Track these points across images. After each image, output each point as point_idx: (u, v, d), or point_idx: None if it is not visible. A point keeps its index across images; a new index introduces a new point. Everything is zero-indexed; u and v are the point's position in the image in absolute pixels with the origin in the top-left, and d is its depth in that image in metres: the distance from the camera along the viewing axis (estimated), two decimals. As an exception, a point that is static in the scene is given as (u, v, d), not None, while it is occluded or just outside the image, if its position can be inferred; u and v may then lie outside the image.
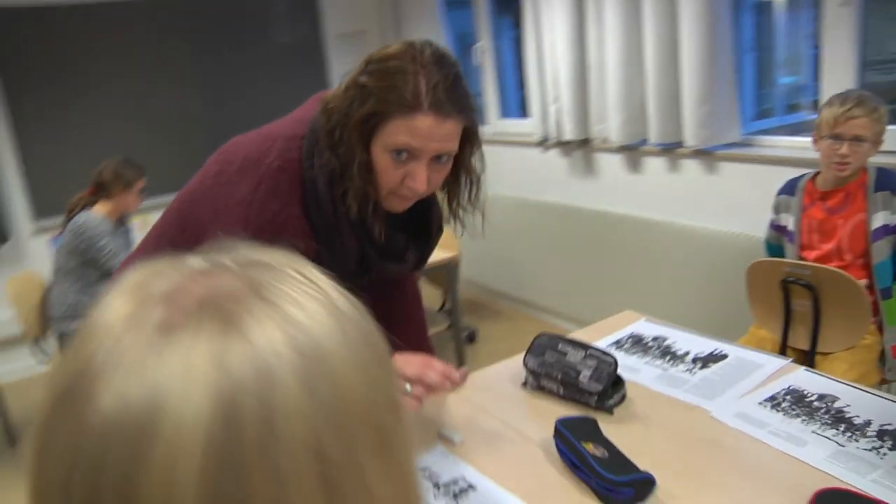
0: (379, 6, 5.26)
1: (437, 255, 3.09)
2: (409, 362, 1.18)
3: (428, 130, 1.16)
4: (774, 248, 2.41)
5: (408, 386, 1.16)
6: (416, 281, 1.69)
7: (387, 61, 1.17)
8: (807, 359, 2.01)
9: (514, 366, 1.67)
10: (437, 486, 1.29)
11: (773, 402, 1.40)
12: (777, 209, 2.42)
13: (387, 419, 0.40)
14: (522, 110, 4.51)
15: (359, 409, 0.38)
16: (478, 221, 1.38)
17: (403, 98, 1.14)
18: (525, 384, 1.62)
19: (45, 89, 4.25)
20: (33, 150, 4.27)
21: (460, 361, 3.25)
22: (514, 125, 4.36)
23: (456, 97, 1.19)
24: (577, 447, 1.24)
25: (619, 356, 1.68)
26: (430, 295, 4.11)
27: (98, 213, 3.07)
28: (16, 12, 4.13)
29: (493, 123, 4.58)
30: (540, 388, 1.58)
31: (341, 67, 5.23)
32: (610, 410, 1.45)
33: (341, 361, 0.38)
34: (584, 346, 1.54)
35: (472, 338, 4.10)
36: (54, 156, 4.30)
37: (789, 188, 2.38)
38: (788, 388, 1.45)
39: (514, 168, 4.34)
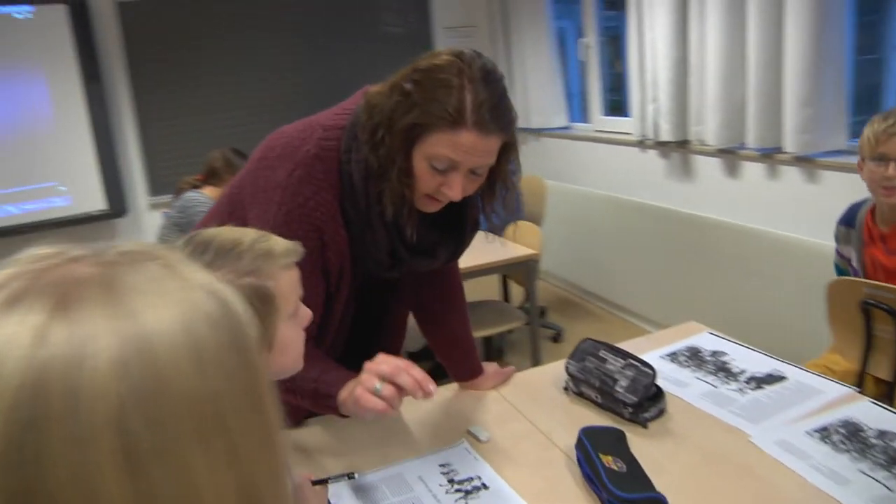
0: (488, 0, 5.25)
1: (517, 252, 3.07)
2: (386, 362, 1.18)
3: (470, 146, 1.18)
4: (845, 273, 2.20)
5: (378, 384, 1.15)
6: (457, 271, 1.68)
7: (433, 72, 1.17)
8: (889, 390, 1.83)
9: (560, 369, 1.63)
10: (451, 482, 1.29)
11: (823, 433, 1.30)
12: (837, 239, 2.17)
13: (228, 412, 0.42)
14: (610, 109, 4.39)
15: (183, 398, 0.40)
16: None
17: (447, 113, 1.15)
18: (566, 389, 1.58)
19: (164, 77, 4.55)
20: (152, 133, 4.59)
21: (535, 359, 3.21)
22: (615, 123, 4.24)
23: (500, 115, 1.19)
24: (594, 459, 1.20)
25: (671, 369, 1.61)
26: (513, 291, 4.08)
27: (206, 194, 3.25)
28: (143, 4, 4.43)
29: (595, 121, 4.47)
30: (580, 395, 1.54)
31: (449, 59, 5.27)
32: (644, 424, 1.39)
33: (172, 353, 0.40)
34: (624, 355, 1.48)
35: (557, 337, 4.04)
36: (169, 138, 4.60)
37: (849, 218, 2.11)
38: (845, 419, 1.33)
39: (612, 167, 4.23)
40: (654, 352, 1.73)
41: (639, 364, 1.44)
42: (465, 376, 1.67)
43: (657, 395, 1.44)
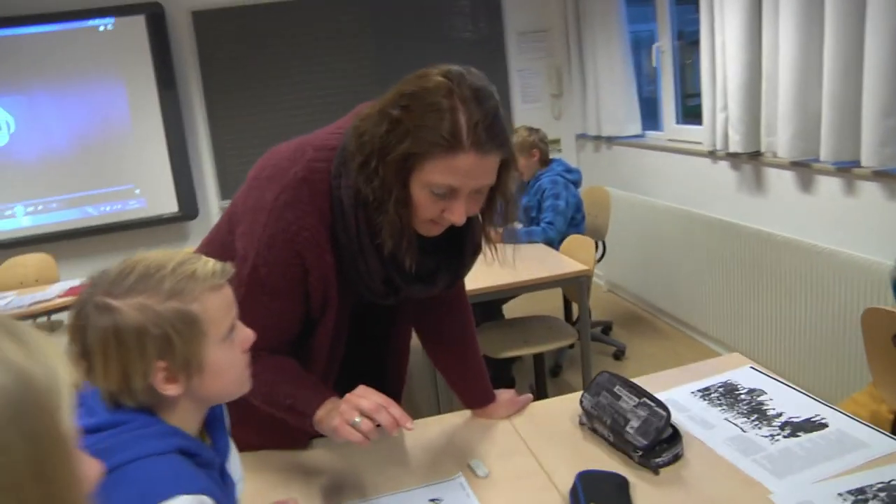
0: (562, 4, 5.11)
1: (569, 267, 2.94)
2: (367, 397, 1.16)
3: (469, 169, 1.12)
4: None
5: (357, 418, 1.13)
6: (463, 293, 1.59)
7: (422, 96, 1.11)
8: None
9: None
10: (437, 520, 1.20)
11: (860, 496, 1.13)
12: None
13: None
14: (684, 117, 4.16)
15: None
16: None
17: (442, 138, 1.09)
18: (582, 423, 1.47)
19: (235, 82, 4.66)
20: (222, 137, 4.71)
21: (587, 378, 3.06)
22: (688, 133, 4.02)
23: (496, 133, 1.13)
24: (582, 509, 1.09)
25: (701, 406, 1.47)
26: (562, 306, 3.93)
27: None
28: (216, 12, 4.55)
29: (669, 129, 4.26)
30: (593, 430, 1.42)
31: (520, 65, 5.18)
32: (655, 470, 1.26)
33: None
34: (639, 393, 1.35)
35: (619, 354, 3.86)
36: (239, 142, 4.71)
37: None
38: (889, 481, 1.16)
39: (683, 178, 4.02)
40: (687, 385, 1.59)
41: (653, 404, 1.31)
42: (476, 403, 1.58)
43: (673, 437, 1.31)
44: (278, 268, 1.23)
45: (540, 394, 3.29)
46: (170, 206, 4.64)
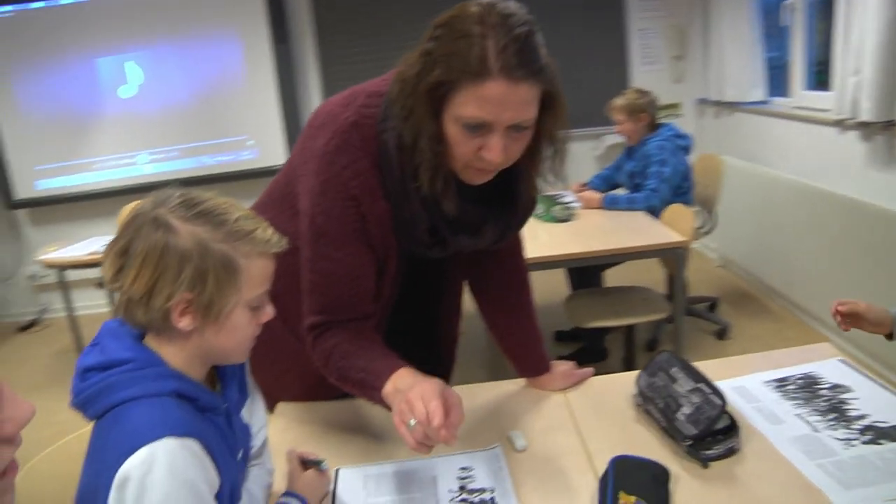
0: (686, -45, 4.77)
1: (667, 237, 2.78)
2: (422, 402, 1.03)
3: (499, 98, 1.04)
4: None
5: (412, 421, 1.02)
6: (520, 254, 1.51)
7: (453, 24, 1.06)
8: None
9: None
10: (462, 489, 1.17)
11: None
12: None
13: None
14: (817, 84, 3.78)
15: None
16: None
17: (469, 64, 1.02)
18: (637, 404, 1.38)
19: (348, 38, 4.70)
20: (334, 91, 4.74)
21: (680, 353, 2.90)
22: (816, 100, 3.67)
23: (529, 58, 1.04)
24: (608, 496, 1.01)
25: (773, 398, 1.35)
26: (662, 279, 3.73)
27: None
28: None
29: (796, 95, 3.91)
30: (647, 413, 1.33)
31: (641, 24, 4.91)
32: (704, 463, 1.16)
33: None
34: (697, 377, 1.24)
35: (722, 333, 3.64)
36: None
37: None
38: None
39: (805, 149, 3.69)
40: (763, 373, 1.45)
41: (708, 390, 1.20)
42: (529, 371, 1.52)
43: (730, 429, 1.19)
44: (335, 214, 1.19)
45: (629, 368, 3.16)
46: (280, 157, 4.78)
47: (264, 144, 4.80)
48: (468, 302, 1.59)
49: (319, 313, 1.25)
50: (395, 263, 1.29)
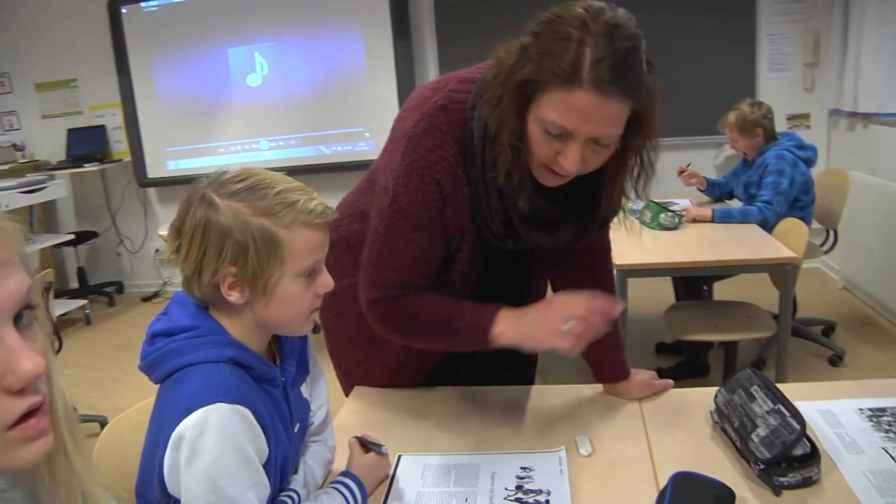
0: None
1: (775, 252, 2.63)
2: (578, 302, 1.17)
3: (585, 110, 1.02)
4: None
5: (568, 325, 1.13)
6: (606, 254, 1.48)
7: (554, 24, 1.04)
8: None
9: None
10: (518, 488, 1.17)
11: None
12: None
13: None
14: None
15: None
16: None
17: (561, 69, 1.01)
18: (714, 421, 1.32)
19: (468, 35, 4.75)
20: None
21: (781, 379, 2.75)
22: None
23: (625, 75, 1.01)
24: (663, 513, 0.98)
25: (862, 429, 1.26)
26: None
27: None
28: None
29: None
30: (723, 430, 1.27)
31: (771, 29, 4.66)
32: (776, 490, 1.09)
33: None
34: (777, 398, 1.18)
35: (836, 360, 3.41)
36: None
37: None
38: None
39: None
40: (858, 401, 1.36)
41: (787, 413, 1.13)
42: (606, 377, 1.49)
43: (810, 457, 1.12)
44: (418, 197, 1.22)
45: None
46: (394, 150, 4.89)
47: (381, 137, 4.87)
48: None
49: (384, 287, 1.28)
50: (471, 250, 1.30)
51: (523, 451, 1.27)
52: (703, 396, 1.41)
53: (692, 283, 3.40)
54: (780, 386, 1.22)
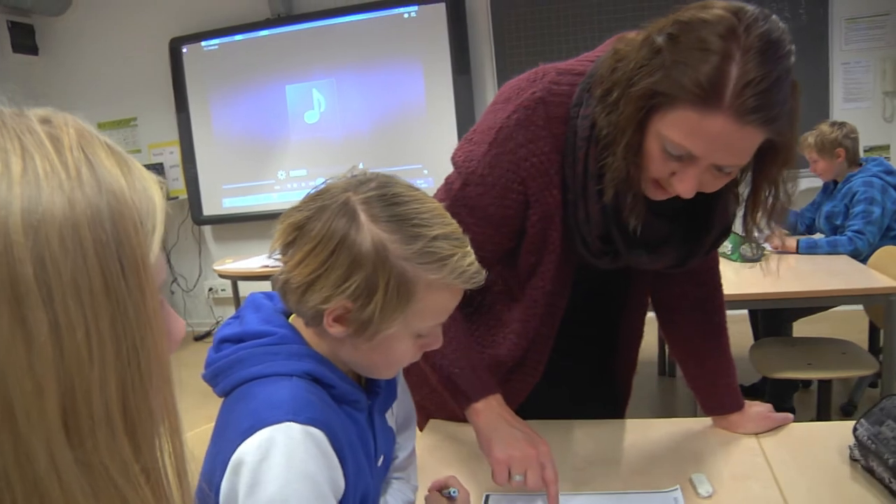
0: (905, -17, 4.30)
1: (873, 282, 2.42)
2: (550, 466, 1.05)
3: (717, 137, 0.89)
4: None
5: (518, 476, 1.04)
6: (716, 276, 1.32)
7: (695, 28, 0.88)
8: None
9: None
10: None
11: None
12: None
13: (52, 277, 0.39)
14: None
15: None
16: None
17: (699, 83, 0.86)
18: (853, 458, 1.13)
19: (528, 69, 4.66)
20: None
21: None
22: None
23: (770, 103, 0.86)
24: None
25: None
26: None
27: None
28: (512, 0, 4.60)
29: None
30: (868, 470, 1.09)
31: (846, 57, 4.48)
32: (954, 538, 0.91)
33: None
34: (943, 429, 0.99)
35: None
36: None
37: None
38: None
39: None
40: None
41: (960, 446, 0.95)
42: (716, 409, 1.32)
43: None
44: (494, 191, 1.10)
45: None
46: (453, 187, 4.81)
47: (439, 174, 4.82)
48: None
49: None
50: (555, 266, 1.15)
51: (630, 491, 1.11)
52: (832, 431, 1.24)
53: (774, 320, 3.17)
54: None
